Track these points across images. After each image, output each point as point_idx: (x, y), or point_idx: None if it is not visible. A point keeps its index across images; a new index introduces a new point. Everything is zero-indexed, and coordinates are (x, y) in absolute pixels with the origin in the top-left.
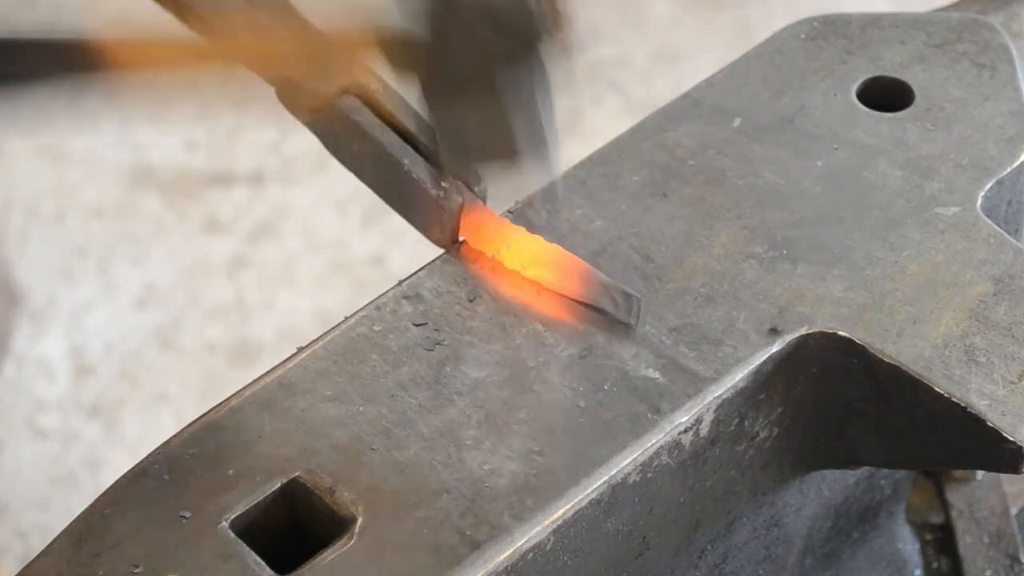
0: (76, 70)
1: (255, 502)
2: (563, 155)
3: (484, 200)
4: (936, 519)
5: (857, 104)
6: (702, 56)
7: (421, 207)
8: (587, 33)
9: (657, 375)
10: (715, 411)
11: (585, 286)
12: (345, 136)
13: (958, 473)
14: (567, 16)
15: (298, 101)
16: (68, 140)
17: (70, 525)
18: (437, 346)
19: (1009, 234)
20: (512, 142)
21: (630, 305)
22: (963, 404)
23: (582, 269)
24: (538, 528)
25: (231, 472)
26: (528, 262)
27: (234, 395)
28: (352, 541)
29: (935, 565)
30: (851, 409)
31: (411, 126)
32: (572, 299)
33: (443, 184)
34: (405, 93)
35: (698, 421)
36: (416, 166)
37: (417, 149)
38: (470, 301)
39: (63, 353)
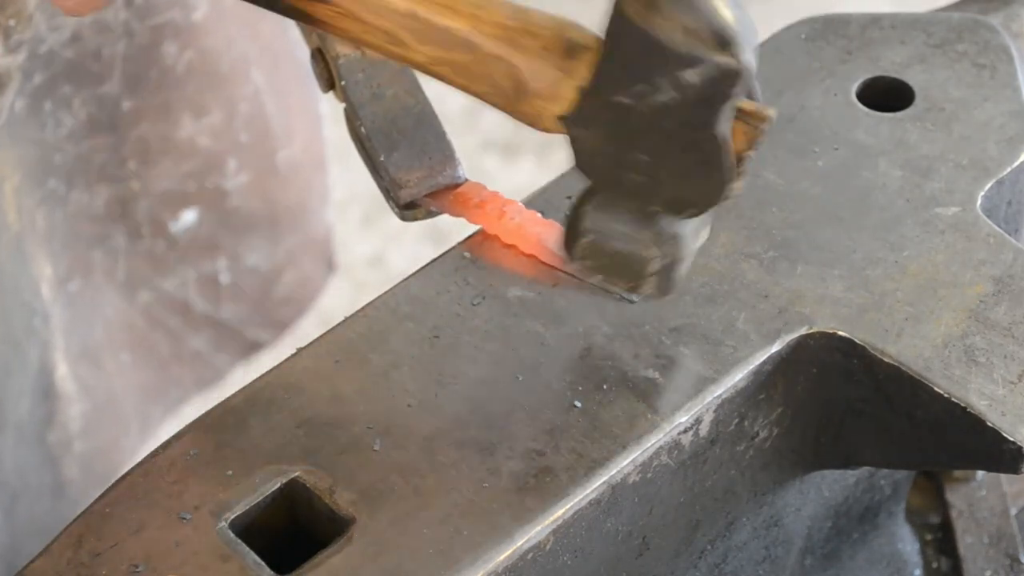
0: None
1: (255, 502)
2: (563, 155)
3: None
4: (936, 519)
5: (857, 104)
6: None
7: (419, 159)
8: None
9: (657, 375)
10: (715, 411)
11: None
12: (392, 76)
13: (958, 473)
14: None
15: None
16: None
17: (70, 525)
18: (437, 346)
19: (1009, 234)
20: (644, 268)
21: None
22: (963, 404)
23: None
24: (538, 528)
25: (231, 472)
26: (528, 239)
27: (234, 395)
28: (352, 541)
29: (935, 565)
30: (851, 409)
31: None
32: (573, 275)
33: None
34: None
35: (698, 421)
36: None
37: None
38: (472, 304)
39: None
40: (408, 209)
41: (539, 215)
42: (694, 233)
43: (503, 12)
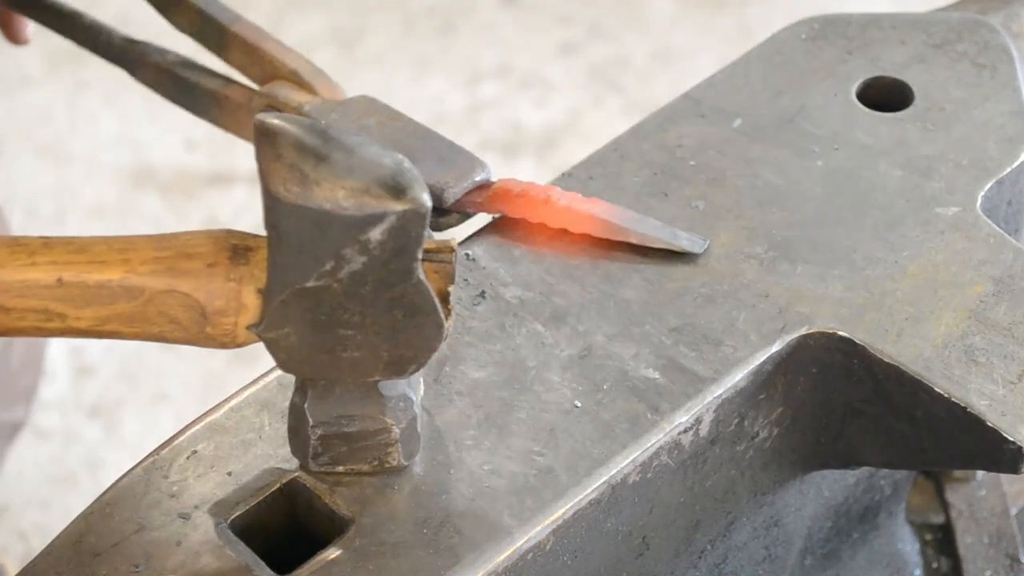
0: None
1: (255, 502)
2: (563, 155)
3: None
4: (936, 519)
5: (857, 104)
6: (702, 56)
7: (445, 166)
8: (587, 33)
9: (657, 375)
10: (715, 411)
11: (642, 227)
12: (365, 109)
13: (958, 473)
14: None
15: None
16: (68, 140)
17: (70, 525)
18: None
19: (1009, 234)
20: (387, 440)
21: (692, 237)
22: (963, 404)
23: (632, 215)
24: (538, 528)
25: (231, 472)
26: (578, 218)
27: (234, 395)
28: (351, 541)
29: (935, 565)
30: (851, 409)
31: None
32: (627, 243)
33: None
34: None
35: (698, 421)
36: None
37: None
38: (472, 304)
39: (63, 353)
40: (443, 216)
41: (580, 195)
42: (416, 385)
43: (151, 246)
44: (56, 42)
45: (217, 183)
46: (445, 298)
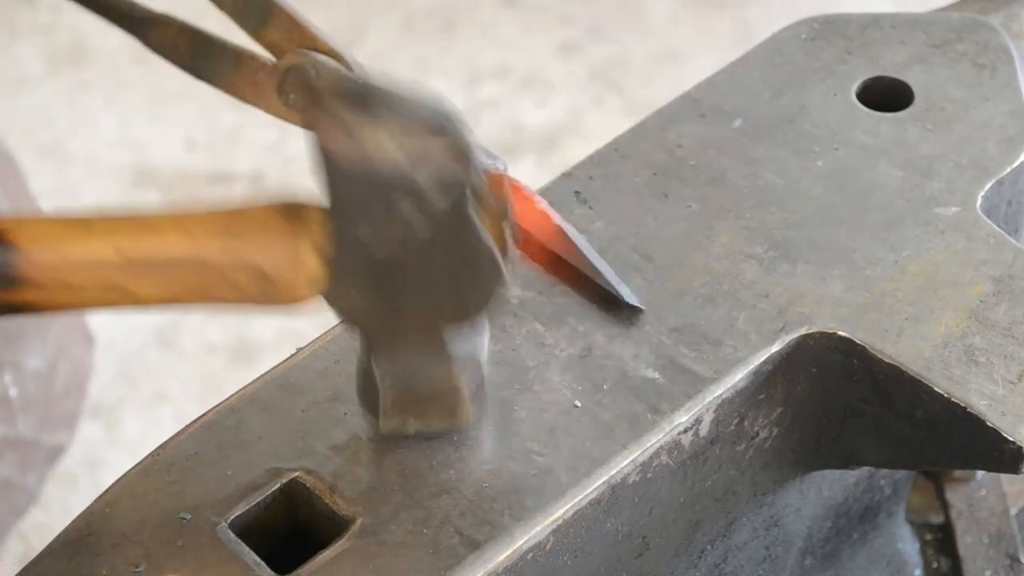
0: None
1: (255, 502)
2: (563, 155)
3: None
4: (936, 519)
5: (857, 104)
6: (702, 56)
7: None
8: (587, 33)
9: (657, 375)
10: (715, 411)
11: (589, 267)
12: None
13: (958, 473)
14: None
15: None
16: (68, 140)
17: (70, 525)
18: None
19: (1009, 234)
20: (457, 399)
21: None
22: (963, 404)
23: (586, 252)
24: (538, 528)
25: (231, 472)
26: (547, 227)
27: (234, 395)
28: (352, 541)
29: (935, 565)
30: (851, 409)
31: None
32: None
33: None
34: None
35: (698, 421)
36: None
37: None
38: None
39: None
40: None
41: (551, 211)
42: (481, 346)
43: (204, 210)
44: (56, 42)
45: (217, 183)
46: (502, 236)
